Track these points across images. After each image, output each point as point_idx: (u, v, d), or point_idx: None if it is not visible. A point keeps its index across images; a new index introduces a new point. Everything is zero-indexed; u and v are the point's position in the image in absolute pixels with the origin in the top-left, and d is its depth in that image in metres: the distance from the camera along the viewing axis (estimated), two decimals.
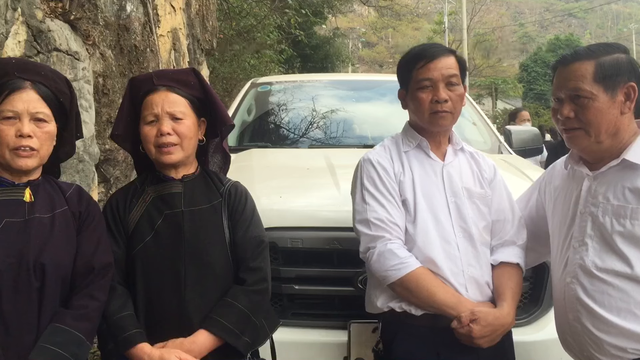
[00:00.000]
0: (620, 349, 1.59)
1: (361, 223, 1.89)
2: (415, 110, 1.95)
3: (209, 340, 1.73)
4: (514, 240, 1.96)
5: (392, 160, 1.96)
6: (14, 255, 1.54)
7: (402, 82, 2.02)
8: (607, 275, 1.61)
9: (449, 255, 1.84)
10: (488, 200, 1.96)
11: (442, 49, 1.98)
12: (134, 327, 1.71)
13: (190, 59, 6.61)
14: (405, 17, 31.42)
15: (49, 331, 1.56)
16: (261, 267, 1.84)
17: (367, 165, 1.95)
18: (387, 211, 1.86)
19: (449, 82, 1.91)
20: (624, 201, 1.60)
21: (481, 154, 2.09)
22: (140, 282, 1.78)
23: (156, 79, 1.83)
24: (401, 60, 2.04)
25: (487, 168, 2.03)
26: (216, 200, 1.86)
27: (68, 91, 1.72)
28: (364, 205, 1.89)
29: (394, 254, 1.81)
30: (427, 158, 1.97)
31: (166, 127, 1.77)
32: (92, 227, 1.72)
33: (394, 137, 2.06)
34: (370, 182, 1.91)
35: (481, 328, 1.74)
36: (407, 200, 1.89)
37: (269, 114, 4.12)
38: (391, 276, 1.80)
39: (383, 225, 1.85)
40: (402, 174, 1.93)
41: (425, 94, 1.90)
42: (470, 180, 1.97)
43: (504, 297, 1.85)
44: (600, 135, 1.62)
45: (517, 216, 2.00)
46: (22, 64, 1.68)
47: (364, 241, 1.88)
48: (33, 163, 1.62)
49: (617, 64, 1.62)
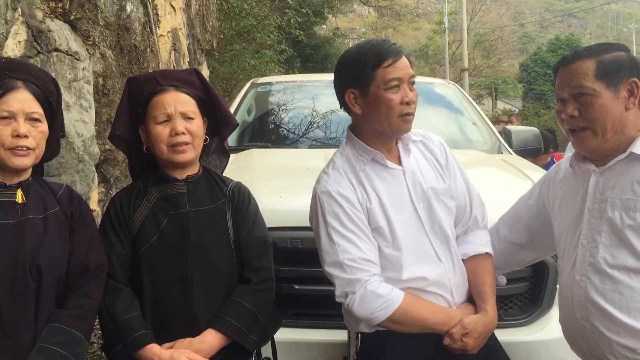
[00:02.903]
0: (630, 349, 1.58)
1: (332, 266, 1.76)
2: (382, 113, 1.76)
3: (218, 339, 1.74)
4: (476, 219, 1.94)
5: (353, 187, 1.80)
6: (9, 257, 1.54)
7: (355, 82, 1.79)
8: (619, 272, 1.60)
9: (435, 267, 1.82)
10: (452, 192, 1.90)
11: (399, 46, 1.82)
12: (142, 328, 1.71)
13: (191, 59, 6.61)
14: (405, 17, 31.38)
15: (48, 331, 1.56)
16: (266, 267, 1.85)
17: (327, 199, 1.78)
18: (359, 249, 1.74)
19: (411, 82, 1.80)
20: (632, 194, 1.59)
21: (429, 136, 1.98)
22: (146, 283, 1.78)
23: (161, 79, 1.83)
24: (355, 57, 1.81)
25: (439, 151, 1.94)
26: (220, 201, 1.87)
27: (55, 90, 1.72)
28: (333, 246, 1.75)
29: (377, 295, 1.72)
30: (385, 169, 1.84)
31: (180, 127, 1.78)
32: (84, 227, 1.72)
33: (342, 152, 1.88)
34: (335, 219, 1.76)
35: (474, 340, 1.75)
36: (381, 228, 1.78)
37: (269, 114, 4.12)
38: (378, 317, 1.74)
39: (358, 266, 1.73)
40: (367, 200, 1.79)
41: (395, 94, 1.75)
42: (432, 177, 1.89)
43: (484, 297, 1.84)
44: (607, 132, 1.61)
45: (474, 193, 1.96)
46: (12, 64, 1.68)
47: (340, 285, 1.75)
48: (29, 162, 1.62)
49: (618, 61, 1.62)
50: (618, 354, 1.60)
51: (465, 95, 4.22)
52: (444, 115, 3.90)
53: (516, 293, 2.25)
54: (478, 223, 1.97)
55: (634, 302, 1.58)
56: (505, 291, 2.17)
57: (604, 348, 1.63)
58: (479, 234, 1.96)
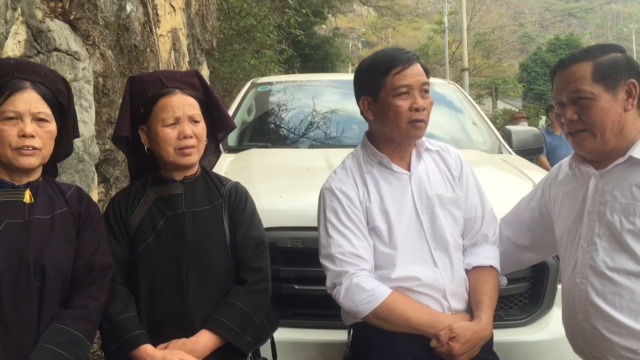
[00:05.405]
0: (631, 350, 1.58)
1: (326, 258, 1.83)
2: (391, 119, 1.82)
3: (212, 340, 1.74)
4: (486, 235, 1.94)
5: (356, 185, 1.86)
6: (14, 256, 1.54)
7: (368, 89, 1.88)
8: (618, 274, 1.60)
9: (429, 271, 1.82)
10: (460, 202, 1.91)
11: (413, 54, 1.87)
12: (136, 329, 1.71)
13: (190, 59, 6.61)
14: (405, 17, 31.40)
15: (49, 331, 1.56)
16: (262, 267, 1.85)
17: (329, 195, 1.86)
18: (351, 244, 1.80)
19: (423, 90, 1.83)
20: (632, 199, 1.60)
21: (447, 148, 2.02)
22: (142, 284, 1.78)
23: (166, 80, 1.83)
24: (368, 65, 1.90)
25: (454, 163, 1.97)
26: (217, 201, 1.86)
27: (66, 90, 1.72)
28: (328, 240, 1.82)
29: (361, 288, 1.76)
30: (392, 173, 1.88)
31: (189, 130, 1.78)
32: (92, 227, 1.72)
33: (355, 153, 1.97)
34: (332, 214, 1.83)
35: (460, 345, 1.72)
36: (378, 227, 1.83)
37: (269, 114, 4.12)
38: (362, 311, 1.77)
39: (347, 260, 1.79)
40: (367, 200, 1.85)
41: (403, 101, 1.80)
42: (440, 185, 1.91)
43: (481, 306, 1.82)
44: (606, 134, 1.62)
45: (488, 209, 1.96)
46: (21, 64, 1.68)
47: (330, 277, 1.83)
48: (36, 161, 1.62)
49: (615, 63, 1.62)
50: (619, 355, 1.60)
51: (465, 95, 4.22)
52: (444, 115, 3.90)
53: (516, 293, 2.25)
54: (488, 238, 1.96)
55: (634, 304, 1.58)
56: (505, 291, 2.17)
57: (606, 350, 1.63)
58: (487, 248, 1.95)
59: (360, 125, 3.78)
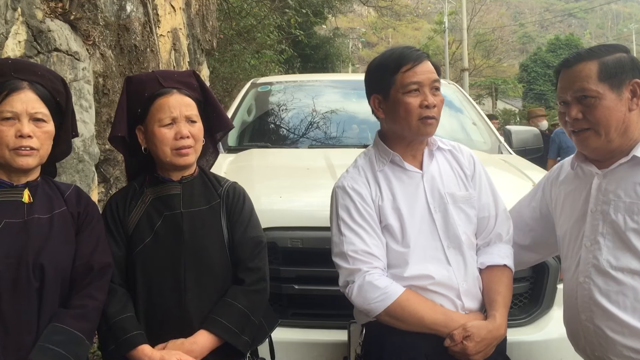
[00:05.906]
0: (634, 350, 1.58)
1: (338, 256, 1.83)
2: (401, 116, 1.82)
3: (210, 340, 1.74)
4: (499, 235, 1.93)
5: (369, 183, 1.87)
6: (13, 256, 1.54)
7: (379, 87, 1.88)
8: (622, 273, 1.60)
9: (442, 269, 1.81)
10: (473, 201, 1.91)
11: (423, 52, 1.88)
12: (134, 329, 1.71)
13: (191, 59, 6.62)
14: (405, 18, 31.41)
15: (49, 331, 1.56)
16: (259, 267, 1.84)
17: (342, 193, 1.86)
18: (364, 242, 1.79)
19: (434, 87, 1.84)
20: (635, 198, 1.60)
21: (459, 147, 2.02)
22: (140, 284, 1.78)
23: (163, 80, 1.82)
24: (378, 64, 1.91)
25: (467, 162, 1.97)
26: (215, 201, 1.86)
27: (64, 90, 1.72)
28: (341, 237, 1.82)
29: (374, 286, 1.75)
30: (404, 171, 1.89)
31: (186, 131, 1.78)
32: (91, 227, 1.72)
33: (367, 152, 1.97)
34: (345, 212, 1.83)
35: (475, 344, 1.71)
36: (390, 225, 1.82)
37: (269, 114, 4.13)
38: (375, 309, 1.76)
39: (360, 257, 1.78)
40: (380, 198, 1.85)
41: (413, 98, 1.80)
42: (453, 183, 1.91)
43: (495, 305, 1.81)
44: (610, 133, 1.62)
45: (502, 209, 1.96)
46: (18, 64, 1.68)
47: (343, 275, 1.82)
48: (34, 162, 1.62)
49: (620, 62, 1.63)
50: (622, 355, 1.60)
51: (465, 95, 4.22)
52: (444, 115, 3.89)
53: (516, 293, 2.24)
54: (501, 237, 1.94)
55: (638, 303, 1.58)
56: None
57: (608, 349, 1.63)
58: (501, 247, 1.93)
59: (360, 126, 3.78)
